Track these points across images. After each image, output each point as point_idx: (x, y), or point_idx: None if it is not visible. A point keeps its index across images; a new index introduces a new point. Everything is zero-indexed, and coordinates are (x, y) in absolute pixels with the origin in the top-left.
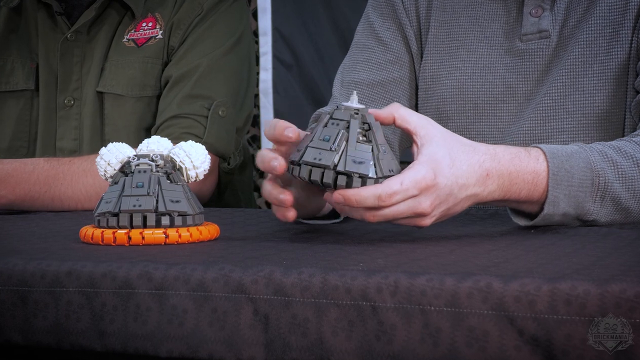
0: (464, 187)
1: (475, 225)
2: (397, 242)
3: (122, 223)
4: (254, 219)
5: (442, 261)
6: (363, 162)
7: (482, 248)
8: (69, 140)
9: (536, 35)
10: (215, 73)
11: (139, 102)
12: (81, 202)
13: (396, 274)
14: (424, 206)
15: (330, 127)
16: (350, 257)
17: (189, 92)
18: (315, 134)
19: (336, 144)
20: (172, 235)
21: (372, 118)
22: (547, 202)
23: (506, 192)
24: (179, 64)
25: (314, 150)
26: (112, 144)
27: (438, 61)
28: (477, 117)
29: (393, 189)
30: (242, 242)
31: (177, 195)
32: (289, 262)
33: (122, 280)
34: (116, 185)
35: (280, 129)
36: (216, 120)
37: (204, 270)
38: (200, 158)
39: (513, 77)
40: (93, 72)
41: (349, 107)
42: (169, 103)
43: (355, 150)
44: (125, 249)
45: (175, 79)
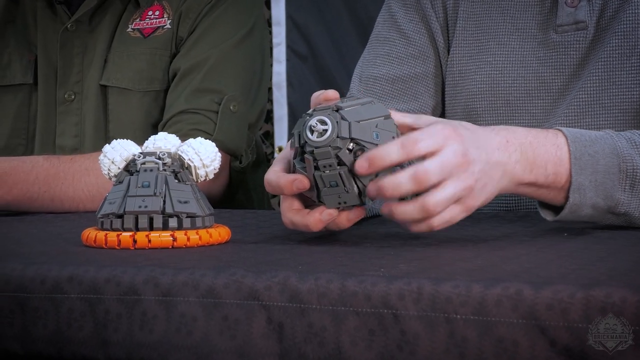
0: (489, 151)
1: (503, 228)
2: (421, 246)
3: (126, 225)
4: (267, 221)
5: (468, 266)
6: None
7: (511, 252)
8: (70, 137)
9: (572, 27)
10: (226, 65)
11: (145, 96)
12: (83, 202)
13: (419, 280)
14: (469, 180)
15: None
16: (371, 262)
17: (198, 85)
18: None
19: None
20: (180, 238)
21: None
22: (572, 189)
23: (532, 164)
24: (187, 56)
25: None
26: (116, 140)
27: (466, 55)
28: (509, 115)
29: (427, 167)
30: (255, 246)
31: (186, 195)
32: (305, 267)
33: (126, 286)
34: (120, 184)
35: (287, 185)
36: (227, 115)
37: (214, 275)
38: (210, 156)
39: (547, 71)
40: (95, 65)
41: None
42: (176, 97)
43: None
44: (130, 253)
45: (183, 71)
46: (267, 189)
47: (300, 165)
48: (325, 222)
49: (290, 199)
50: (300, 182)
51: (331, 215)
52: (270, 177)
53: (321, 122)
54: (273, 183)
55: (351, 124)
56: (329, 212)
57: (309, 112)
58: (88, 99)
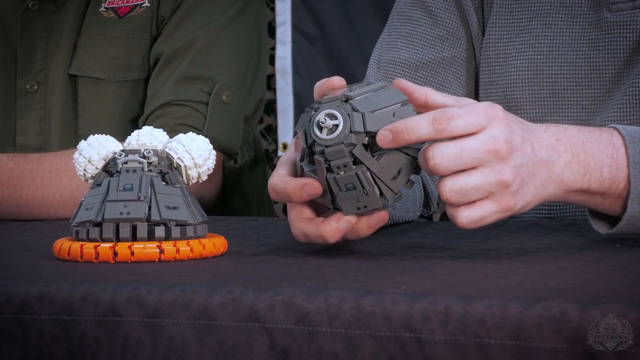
0: (536, 147)
1: (545, 238)
2: (448, 258)
3: (105, 235)
4: (269, 230)
5: (504, 283)
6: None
7: (554, 266)
8: (32, 135)
9: (629, 5)
10: (217, 48)
11: (122, 87)
12: (54, 208)
13: (447, 299)
14: (505, 174)
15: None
16: (390, 277)
17: (184, 73)
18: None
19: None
20: (168, 250)
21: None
22: (631, 198)
23: (585, 167)
24: (170, 38)
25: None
26: (94, 136)
27: (505, 37)
28: (555, 106)
29: (450, 113)
30: (256, 259)
31: (175, 200)
32: (313, 283)
33: (106, 306)
34: (98, 187)
35: (295, 191)
36: (219, 107)
37: (208, 293)
38: (204, 154)
39: (599, 56)
40: (63, 51)
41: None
42: (159, 87)
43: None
44: (110, 267)
45: (166, 57)
46: (273, 197)
47: (310, 168)
48: (343, 230)
49: (299, 206)
50: (311, 186)
51: (350, 222)
52: (275, 182)
53: (330, 117)
54: (279, 189)
55: (365, 115)
56: (347, 219)
57: (313, 105)
58: (54, 91)
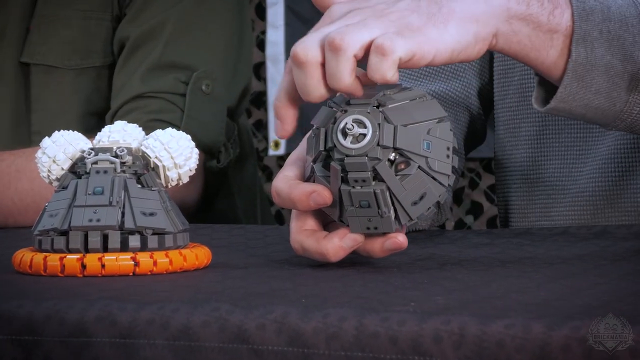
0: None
1: (574, 248)
2: (464, 272)
3: (73, 245)
4: (260, 239)
5: (526, 299)
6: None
7: (584, 281)
8: None
9: None
10: (193, 30)
11: (81, 75)
12: (13, 215)
13: (462, 318)
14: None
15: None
16: (397, 293)
17: (157, 60)
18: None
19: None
20: (144, 262)
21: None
22: (575, 38)
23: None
24: (137, 20)
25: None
26: (59, 132)
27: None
28: None
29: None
30: (244, 272)
31: (152, 205)
32: (310, 300)
33: (73, 325)
34: (65, 191)
35: (301, 198)
36: (198, 98)
37: (190, 311)
38: (185, 153)
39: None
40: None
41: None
42: (128, 78)
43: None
44: (77, 282)
45: (134, 42)
46: (276, 201)
47: (323, 173)
48: (347, 249)
49: (303, 216)
50: (320, 195)
51: (356, 241)
52: (279, 185)
53: (358, 124)
54: (283, 194)
55: (397, 128)
56: (353, 237)
57: (339, 100)
58: (2, 83)
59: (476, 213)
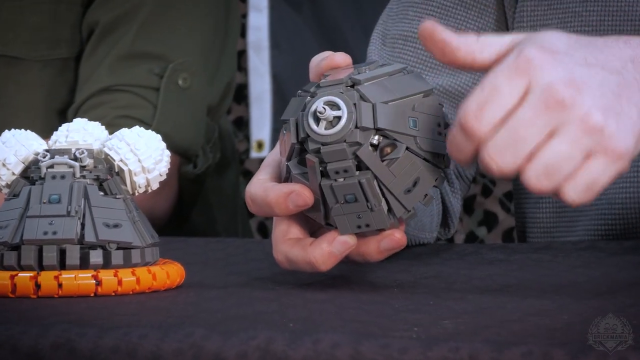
0: (602, 59)
1: (602, 266)
2: (475, 292)
3: (25, 261)
4: (241, 255)
5: (547, 323)
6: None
7: (613, 302)
8: None
9: None
10: (169, 16)
11: (47, 68)
12: None
13: (473, 345)
14: (589, 118)
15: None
16: (399, 315)
17: (128, 49)
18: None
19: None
20: (107, 281)
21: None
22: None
23: None
24: (108, 4)
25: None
26: (9, 132)
27: (544, 4)
28: None
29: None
30: (223, 292)
31: (116, 215)
32: (299, 324)
33: (26, 353)
34: (16, 199)
35: (278, 201)
36: (174, 94)
37: (160, 337)
38: (154, 155)
39: None
40: None
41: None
42: (95, 68)
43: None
44: (31, 304)
45: (103, 27)
46: (251, 209)
47: (299, 171)
48: (338, 256)
49: (285, 223)
50: (299, 195)
51: (347, 244)
52: (254, 190)
53: (331, 106)
54: (258, 199)
55: (376, 106)
56: (344, 240)
57: (309, 87)
58: None
59: (490, 224)
